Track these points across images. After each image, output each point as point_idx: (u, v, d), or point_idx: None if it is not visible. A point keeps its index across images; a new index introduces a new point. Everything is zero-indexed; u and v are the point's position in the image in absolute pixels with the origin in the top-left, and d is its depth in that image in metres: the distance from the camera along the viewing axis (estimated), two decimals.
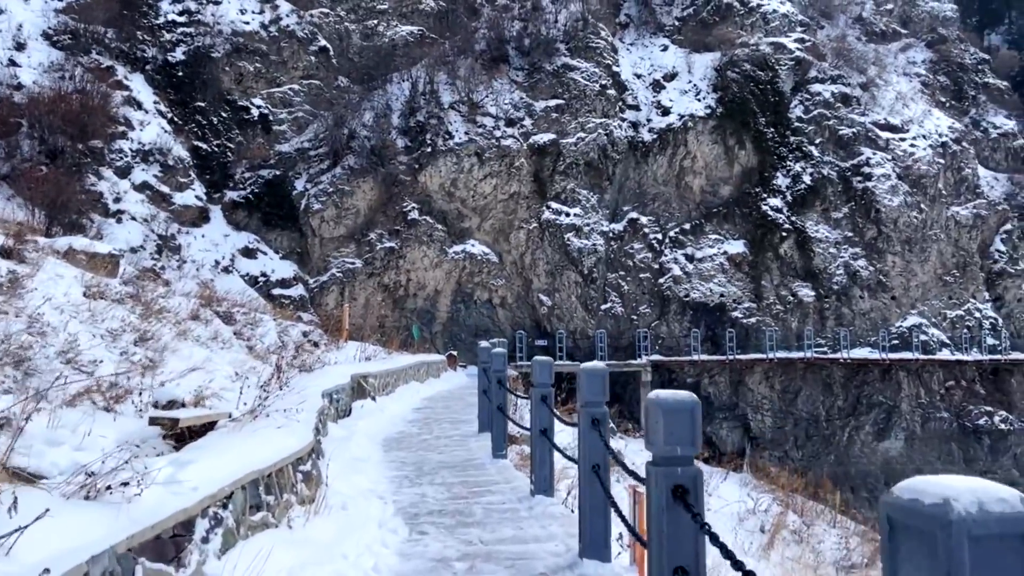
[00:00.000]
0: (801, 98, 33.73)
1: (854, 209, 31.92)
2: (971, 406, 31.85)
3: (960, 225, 33.71)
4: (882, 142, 33.37)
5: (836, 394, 30.25)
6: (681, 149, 31.65)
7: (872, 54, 36.75)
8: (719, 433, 29.28)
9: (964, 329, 32.52)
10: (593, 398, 4.57)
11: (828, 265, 30.80)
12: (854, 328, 30.53)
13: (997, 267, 34.70)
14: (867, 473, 30.30)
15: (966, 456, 31.62)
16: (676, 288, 29.59)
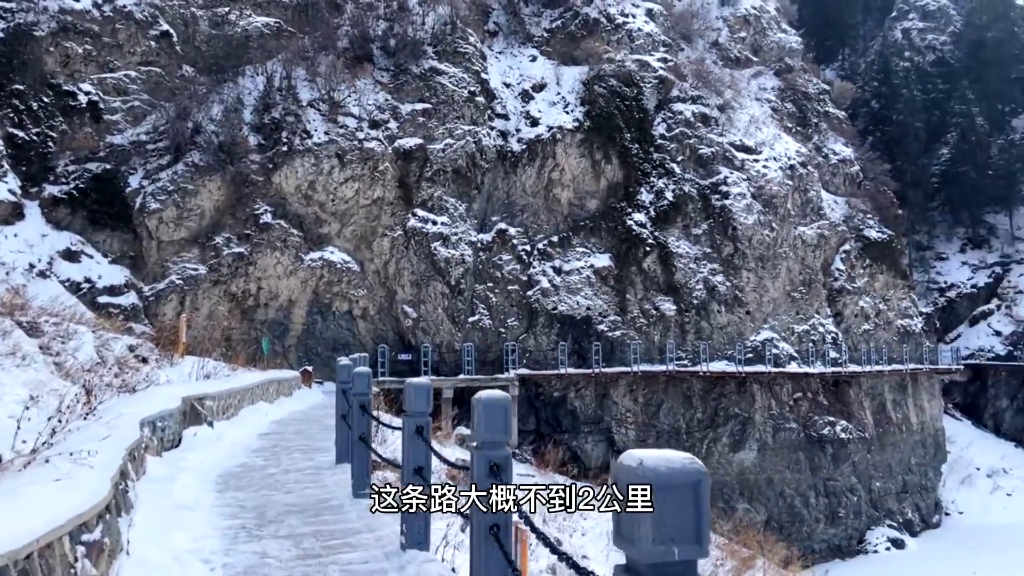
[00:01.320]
0: (664, 116, 34.41)
1: (712, 226, 32.80)
2: (816, 416, 33.45)
3: (806, 244, 35.51)
4: (738, 162, 34.61)
5: (696, 406, 30.79)
6: (550, 161, 31.32)
7: (728, 78, 38.22)
8: (584, 447, 28.97)
9: (809, 343, 34.18)
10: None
11: (689, 280, 31.39)
12: (712, 342, 31.25)
13: (837, 284, 36.86)
14: (723, 484, 30.97)
15: (812, 464, 33.13)
16: (544, 301, 29.07)
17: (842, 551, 33.44)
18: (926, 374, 39.25)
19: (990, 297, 50.56)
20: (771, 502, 31.94)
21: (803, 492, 32.77)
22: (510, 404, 3.83)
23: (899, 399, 37.92)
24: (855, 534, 34.24)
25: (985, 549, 34.86)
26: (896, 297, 39.26)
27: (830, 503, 33.41)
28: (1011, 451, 45.00)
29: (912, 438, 38.06)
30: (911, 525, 36.56)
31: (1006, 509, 40.24)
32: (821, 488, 33.26)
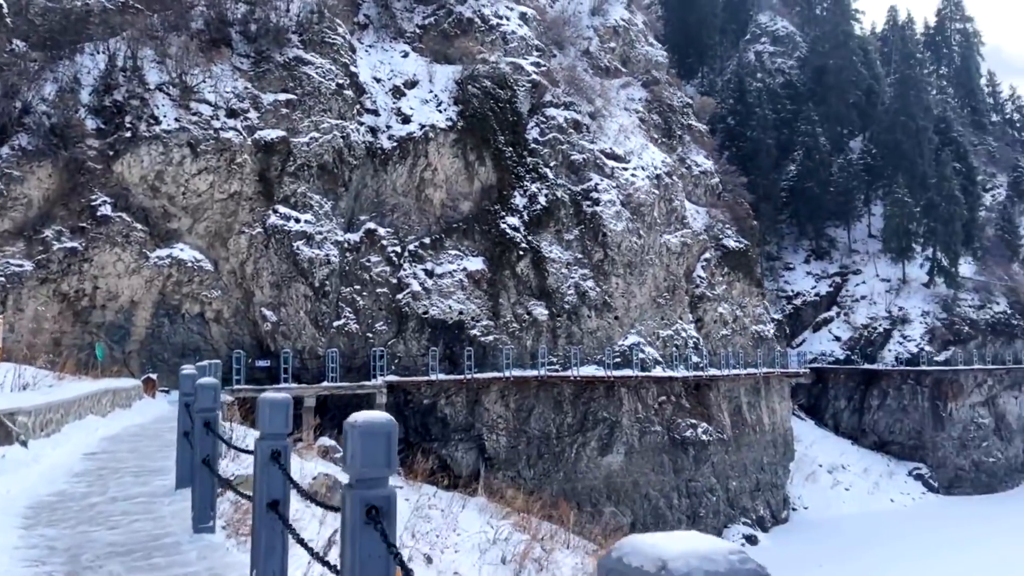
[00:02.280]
0: (537, 120, 34.32)
1: (584, 232, 32.99)
2: (679, 419, 34.34)
3: (671, 252, 36.49)
4: (608, 170, 35.06)
5: (566, 411, 30.74)
6: (422, 160, 30.36)
7: (599, 86, 38.74)
8: (455, 456, 28.16)
9: (673, 347, 35.09)
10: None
11: (560, 285, 31.35)
12: (583, 346, 31.35)
13: (699, 291, 38.14)
14: (592, 488, 31.13)
15: (675, 466, 33.96)
16: (415, 304, 28.04)
17: None
18: (777, 377, 41.41)
19: (831, 305, 54.34)
20: (636, 504, 32.43)
21: (667, 493, 33.53)
22: (395, 429, 2.91)
23: (753, 401, 39.75)
24: (714, 532, 35.31)
25: (828, 541, 37.11)
26: (751, 304, 41.19)
27: (692, 503, 34.38)
28: (848, 449, 48.41)
29: (765, 438, 39.99)
30: (763, 521, 38.34)
31: (845, 503, 43.15)
32: (683, 489, 34.17)
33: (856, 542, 37.06)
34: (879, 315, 51.43)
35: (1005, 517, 41.80)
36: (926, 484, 46.54)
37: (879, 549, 35.95)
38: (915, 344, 48.80)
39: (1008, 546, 36.21)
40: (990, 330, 49.85)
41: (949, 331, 49.08)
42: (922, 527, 40.23)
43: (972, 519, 41.67)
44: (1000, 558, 34.03)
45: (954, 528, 39.83)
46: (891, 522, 41.18)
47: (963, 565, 33.23)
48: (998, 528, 39.75)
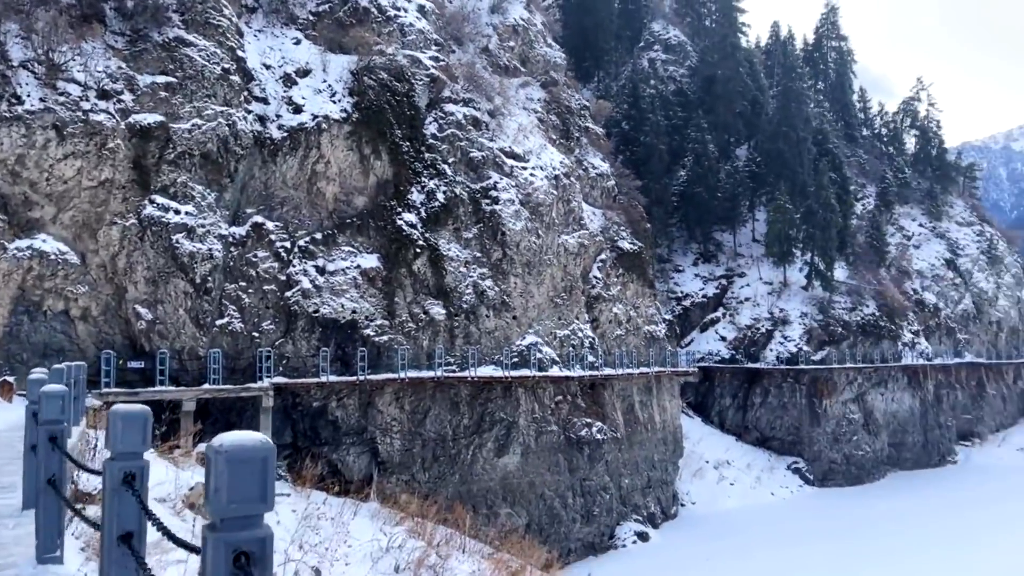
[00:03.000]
0: (436, 116, 33.63)
1: (483, 230, 32.57)
2: (575, 419, 34.50)
3: (568, 252, 36.64)
4: (507, 168, 34.80)
5: (463, 413, 30.22)
6: (314, 152, 29.07)
7: (498, 84, 38.45)
8: (346, 460, 27.11)
9: (570, 347, 35.23)
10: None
11: (459, 284, 30.80)
12: (481, 347, 30.92)
13: (595, 291, 38.50)
14: (488, 490, 30.76)
15: (570, 465, 34.08)
16: (305, 303, 26.78)
17: (595, 548, 34.78)
18: (668, 376, 42.40)
19: (717, 306, 56.33)
20: (532, 505, 32.30)
21: (562, 493, 33.58)
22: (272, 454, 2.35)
23: (646, 400, 40.52)
24: (607, 530, 35.81)
25: (715, 535, 38.29)
26: (644, 305, 42.00)
27: (586, 502, 34.60)
28: (733, 444, 50.26)
29: (656, 436, 40.84)
30: (654, 518, 39.12)
31: (729, 497, 44.72)
32: (578, 488, 34.34)
33: (740, 535, 38.41)
34: (762, 316, 53.70)
35: (871, 507, 44.48)
36: (803, 477, 48.91)
37: (761, 541, 37.37)
38: (794, 344, 51.24)
39: (874, 534, 38.49)
40: (860, 331, 53.00)
41: (825, 332, 51.83)
42: (799, 518, 42.22)
43: (842, 509, 44.10)
44: (866, 545, 36.09)
45: (827, 519, 41.98)
46: (772, 514, 43.01)
47: (835, 553, 34.98)
48: (865, 517, 42.22)
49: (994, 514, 42.53)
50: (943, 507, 44.46)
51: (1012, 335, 68.16)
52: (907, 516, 42.37)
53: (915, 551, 35.08)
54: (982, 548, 35.58)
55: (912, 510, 43.83)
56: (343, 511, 19.55)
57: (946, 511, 43.51)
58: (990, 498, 46.75)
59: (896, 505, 44.99)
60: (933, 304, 61.60)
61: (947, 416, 58.78)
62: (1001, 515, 42.23)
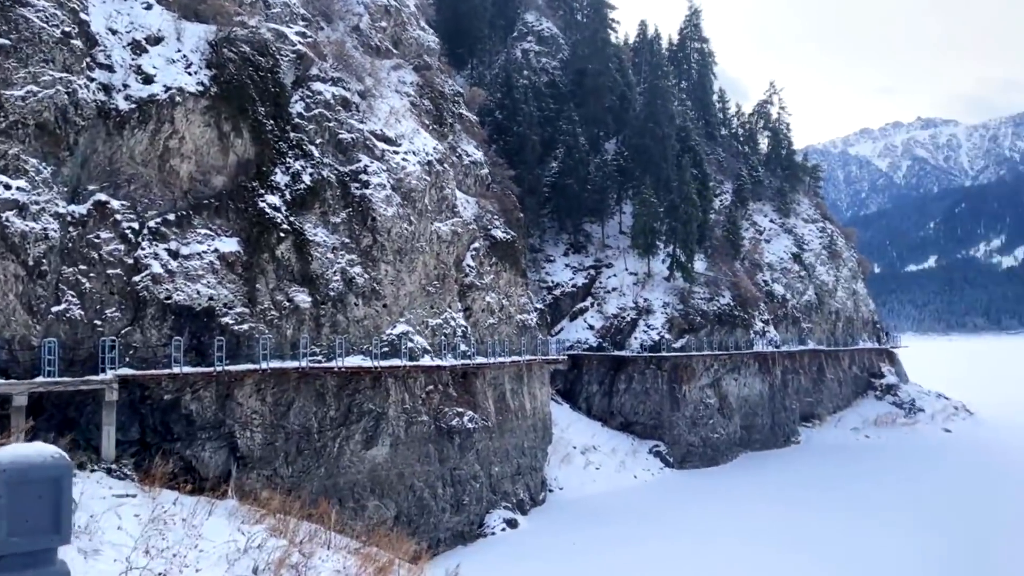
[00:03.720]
0: (303, 94, 32.12)
1: (352, 215, 31.49)
2: (446, 408, 34.18)
3: (441, 240, 36.16)
4: (378, 152, 33.82)
5: (329, 404, 29.17)
6: (167, 126, 26.95)
7: (369, 65, 37.28)
8: (201, 456, 25.46)
9: (442, 336, 34.83)
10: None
11: (326, 271, 29.63)
12: (349, 336, 29.93)
13: (468, 280, 38.27)
14: (355, 483, 29.91)
15: (441, 455, 33.76)
16: (155, 289, 24.82)
17: (464, 537, 34.70)
18: (539, 364, 42.91)
19: (586, 296, 57.68)
20: (401, 496, 31.75)
21: (432, 484, 33.22)
22: (68, 472, 1.95)
23: (517, 388, 40.82)
24: (476, 519, 35.82)
25: (582, 519, 39.20)
26: (517, 294, 42.24)
27: (456, 492, 34.42)
28: (599, 430, 51.72)
29: (526, 424, 41.26)
30: (523, 505, 39.54)
31: (595, 482, 45.97)
32: (448, 478, 34.09)
33: (604, 518, 39.55)
34: (628, 306, 55.47)
35: (725, 486, 47.11)
36: (663, 460, 51.04)
37: (624, 523, 38.65)
38: (657, 332, 53.29)
39: (727, 511, 40.76)
40: (717, 320, 55.87)
41: (685, 321, 54.23)
42: (659, 499, 44.07)
43: (699, 489, 46.46)
44: (719, 522, 38.14)
45: (685, 498, 44.07)
46: (634, 496, 44.63)
47: (691, 529, 36.73)
48: (719, 495, 44.67)
49: (836, 489, 46.14)
50: (788, 484, 47.74)
51: (848, 324, 74.17)
52: (757, 493, 45.19)
53: (764, 524, 37.41)
54: (824, 522, 38.45)
55: (761, 487, 46.79)
56: (196, 511, 18.28)
57: (791, 488, 46.76)
58: (829, 475, 50.68)
59: (746, 483, 47.85)
60: (781, 295, 65.92)
61: (792, 400, 63.17)
62: (841, 490, 45.88)
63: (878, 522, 37.97)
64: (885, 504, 41.90)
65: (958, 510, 40.63)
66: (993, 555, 32.94)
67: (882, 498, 43.40)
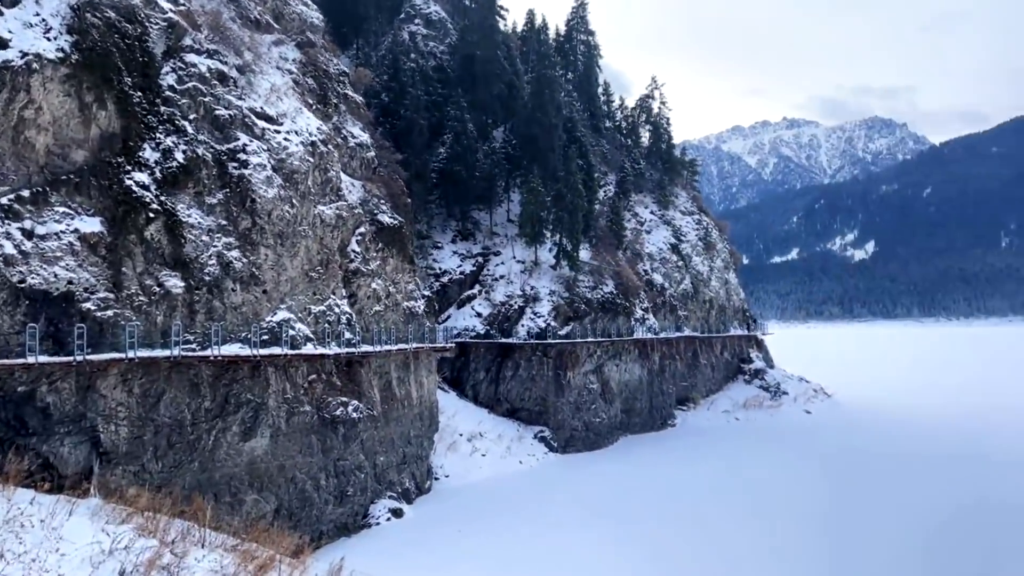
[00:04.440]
0: (175, 66, 30.14)
1: (229, 196, 29.92)
2: (330, 398, 33.26)
3: (325, 224, 35.03)
4: (258, 130, 32.30)
5: (204, 395, 27.69)
6: (22, 95, 24.57)
7: (248, 39, 35.47)
8: (60, 452, 23.57)
9: (326, 324, 33.82)
10: None
11: (200, 254, 28.03)
12: (226, 323, 28.49)
13: (353, 266, 37.31)
14: (232, 476, 28.63)
15: (324, 446, 32.85)
16: (7, 271, 22.64)
17: (348, 528, 34.00)
18: (426, 352, 42.51)
19: (474, 283, 57.67)
20: (282, 489, 30.68)
21: (314, 475, 32.28)
22: None
23: (403, 376, 40.28)
24: (361, 510, 35.15)
25: (468, 506, 39.29)
26: (404, 280, 41.59)
27: (340, 483, 33.61)
28: (486, 417, 51.94)
29: (412, 412, 40.83)
30: (408, 493, 39.17)
31: (481, 468, 46.17)
32: (332, 469, 33.24)
33: (490, 504, 39.81)
34: (515, 293, 55.90)
35: (606, 469, 48.49)
36: (548, 445, 51.90)
37: (508, 507, 39.05)
38: (543, 320, 54.01)
39: (606, 493, 41.98)
40: (600, 307, 57.26)
41: (570, 308, 55.24)
42: (543, 483, 44.82)
43: (581, 473, 47.60)
44: (600, 504, 39.24)
45: (568, 482, 45.02)
46: (519, 482, 45.17)
47: (574, 512, 37.58)
48: (600, 478, 45.94)
49: (708, 470, 48.44)
50: (664, 465, 49.69)
51: (720, 312, 77.93)
52: (636, 475, 46.79)
53: (642, 505, 38.78)
54: (695, 503, 40.27)
55: (640, 469, 48.48)
56: (56, 511, 16.90)
57: (667, 469, 48.71)
58: (702, 456, 53.12)
59: (626, 466, 49.44)
60: (660, 284, 68.38)
61: (669, 384, 65.76)
62: (711, 471, 48.22)
63: (743, 500, 40.21)
64: (749, 483, 44.43)
65: (815, 488, 43.61)
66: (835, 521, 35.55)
67: (747, 477, 45.99)
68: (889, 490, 42.15)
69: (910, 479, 44.47)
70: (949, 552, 31.19)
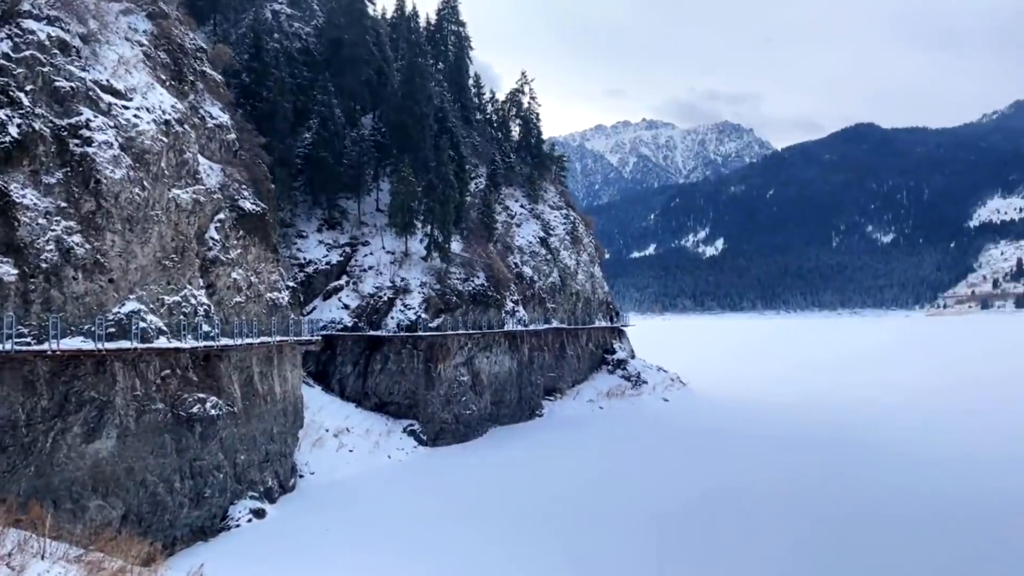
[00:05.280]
0: (10, 32, 27.04)
1: (70, 175, 27.25)
2: (186, 394, 31.17)
3: (180, 209, 32.74)
4: (104, 105, 29.63)
5: (41, 393, 25.11)
6: None
7: (93, 6, 32.45)
8: None
9: (181, 315, 31.64)
10: None
11: (37, 238, 25.35)
12: (66, 314, 25.95)
13: (211, 254, 35.14)
14: (74, 480, 26.20)
15: (179, 446, 30.77)
16: None
17: (205, 532, 32.11)
18: (290, 346, 40.80)
19: (341, 274, 55.99)
20: (130, 493, 28.44)
21: (167, 477, 30.17)
22: None
23: (266, 371, 38.46)
24: (219, 512, 33.27)
25: (335, 504, 38.12)
26: (267, 270, 39.66)
27: (196, 484, 31.62)
28: (353, 412, 50.66)
29: (276, 408, 39.09)
30: (271, 493, 37.51)
31: (348, 465, 44.98)
32: (187, 470, 31.20)
33: (358, 500, 38.85)
34: (384, 285, 54.78)
35: (475, 461, 48.61)
36: (417, 439, 51.34)
37: (377, 503, 38.27)
38: (414, 312, 53.29)
39: (474, 486, 42.10)
40: (472, 300, 57.23)
41: (441, 300, 54.83)
42: (412, 478, 44.27)
43: (451, 466, 47.47)
44: (468, 495, 39.28)
45: (437, 476, 44.73)
46: (388, 477, 44.38)
47: (444, 506, 37.37)
48: (469, 471, 45.99)
49: (574, 456, 49.62)
50: (531, 456, 50.45)
51: (586, 305, 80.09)
52: (505, 466, 47.20)
53: (509, 497, 39.14)
54: (564, 490, 41.13)
55: (509, 460, 48.97)
56: None
57: (533, 459, 49.48)
58: (567, 444, 54.39)
59: (495, 457, 49.77)
60: (530, 277, 69.30)
61: (537, 375, 66.83)
62: (577, 456, 49.45)
63: (609, 488, 41.55)
64: (612, 471, 45.98)
65: (672, 471, 45.73)
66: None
67: (610, 465, 47.56)
68: (742, 467, 44.82)
69: (758, 457, 47.52)
70: (807, 522, 33.54)
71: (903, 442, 52.13)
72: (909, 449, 49.65)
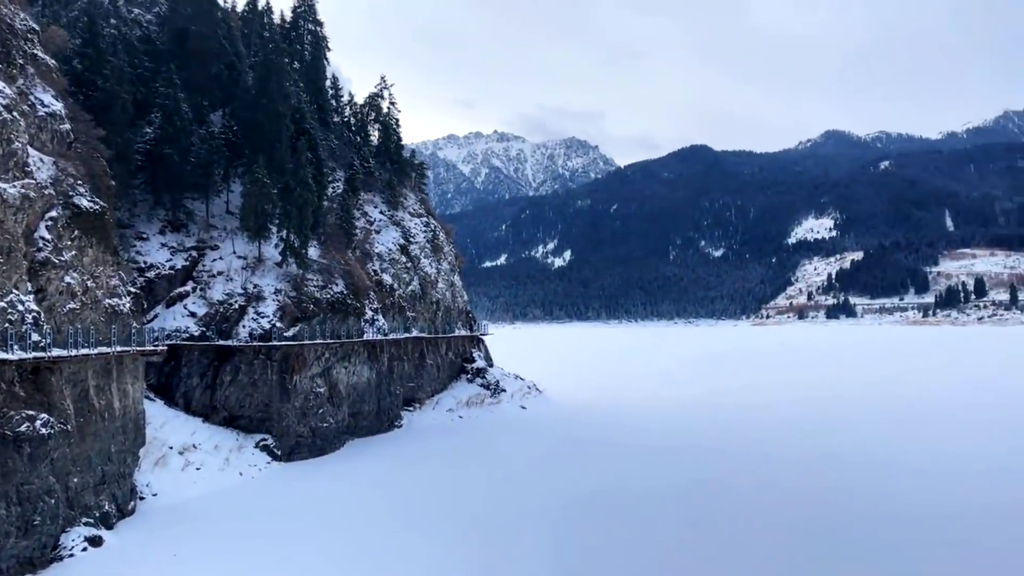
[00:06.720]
0: None
1: None
2: (12, 411, 27.75)
3: (7, 205, 29.22)
4: None
5: None
6: None
7: None
8: None
9: (6, 323, 28.18)
10: None
11: None
12: None
13: (42, 256, 31.63)
14: None
15: (4, 469, 27.33)
16: None
17: (34, 563, 28.79)
18: (131, 356, 37.45)
19: (187, 280, 52.23)
20: None
21: None
22: None
23: (103, 384, 35.07)
24: (50, 541, 29.91)
25: (182, 526, 35.39)
26: (106, 275, 36.21)
27: (24, 511, 28.21)
28: (200, 426, 47.29)
29: (114, 425, 35.75)
30: (108, 518, 34.28)
31: (196, 483, 41.93)
32: (14, 496, 27.75)
33: (207, 522, 36.29)
34: (235, 292, 51.67)
35: (330, 476, 46.79)
36: (271, 453, 48.76)
37: (227, 524, 35.90)
38: (268, 320, 50.63)
39: (329, 500, 40.56)
40: (330, 308, 55.21)
41: (298, 308, 52.47)
42: (265, 495, 41.93)
43: (305, 481, 45.37)
44: (324, 513, 37.79)
45: (291, 492, 42.59)
46: (240, 495, 41.79)
47: (297, 523, 35.66)
48: (324, 485, 44.22)
49: (430, 467, 48.99)
50: (387, 469, 49.31)
51: (447, 313, 79.66)
52: (360, 480, 45.78)
53: (366, 510, 38.00)
54: (420, 501, 40.48)
55: (365, 474, 47.56)
56: None
57: (390, 472, 48.42)
58: (425, 455, 53.65)
59: (351, 471, 48.16)
60: (390, 285, 67.94)
61: (396, 385, 65.56)
62: (433, 467, 48.90)
63: (465, 498, 41.38)
64: (469, 481, 45.88)
65: (529, 480, 46.32)
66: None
67: (467, 475, 47.44)
68: (599, 473, 46.06)
69: (619, 461, 49.09)
70: (683, 523, 34.88)
71: (741, 440, 55.82)
72: (746, 445, 53.23)
